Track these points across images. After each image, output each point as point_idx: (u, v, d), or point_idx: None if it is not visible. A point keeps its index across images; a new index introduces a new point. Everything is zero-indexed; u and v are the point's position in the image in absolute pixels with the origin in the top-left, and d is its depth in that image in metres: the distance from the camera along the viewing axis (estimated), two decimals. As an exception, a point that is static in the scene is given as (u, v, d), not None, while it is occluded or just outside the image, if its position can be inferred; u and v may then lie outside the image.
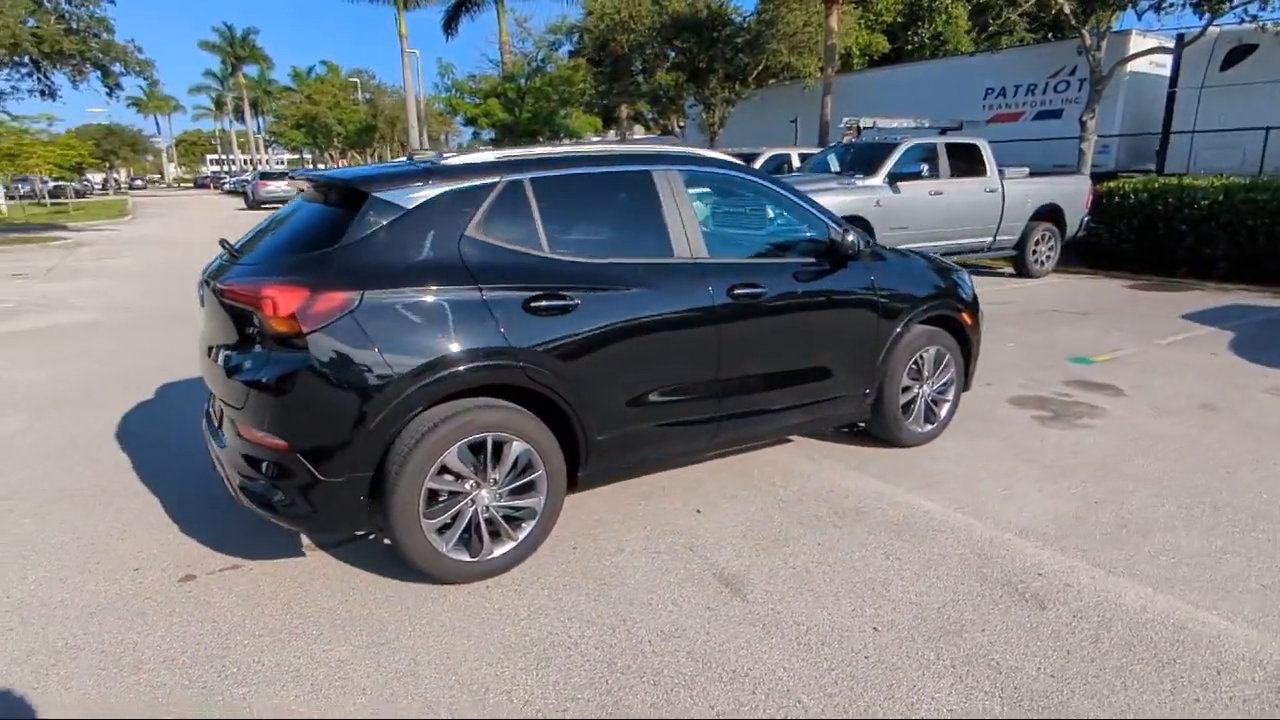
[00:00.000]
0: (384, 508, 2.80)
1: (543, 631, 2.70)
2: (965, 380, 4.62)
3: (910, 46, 24.82)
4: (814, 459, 4.29)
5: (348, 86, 57.97)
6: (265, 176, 37.68)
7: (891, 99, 19.81)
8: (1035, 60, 17.06)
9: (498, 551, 3.03)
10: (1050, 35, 21.99)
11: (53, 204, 41.49)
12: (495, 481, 2.99)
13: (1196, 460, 4.17)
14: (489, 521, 3.00)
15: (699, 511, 3.65)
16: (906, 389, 4.29)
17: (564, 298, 3.05)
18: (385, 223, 2.84)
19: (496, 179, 3.07)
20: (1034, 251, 10.94)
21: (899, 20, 22.61)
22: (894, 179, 9.48)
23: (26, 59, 19.29)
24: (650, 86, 23.51)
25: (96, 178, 69.29)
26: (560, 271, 3.09)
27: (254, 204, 36.22)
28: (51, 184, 48.35)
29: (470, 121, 33.14)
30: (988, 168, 10.25)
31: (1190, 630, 2.66)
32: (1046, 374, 5.90)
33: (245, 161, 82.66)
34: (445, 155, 3.17)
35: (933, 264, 4.55)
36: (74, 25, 18.96)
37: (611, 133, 33.83)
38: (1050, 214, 10.93)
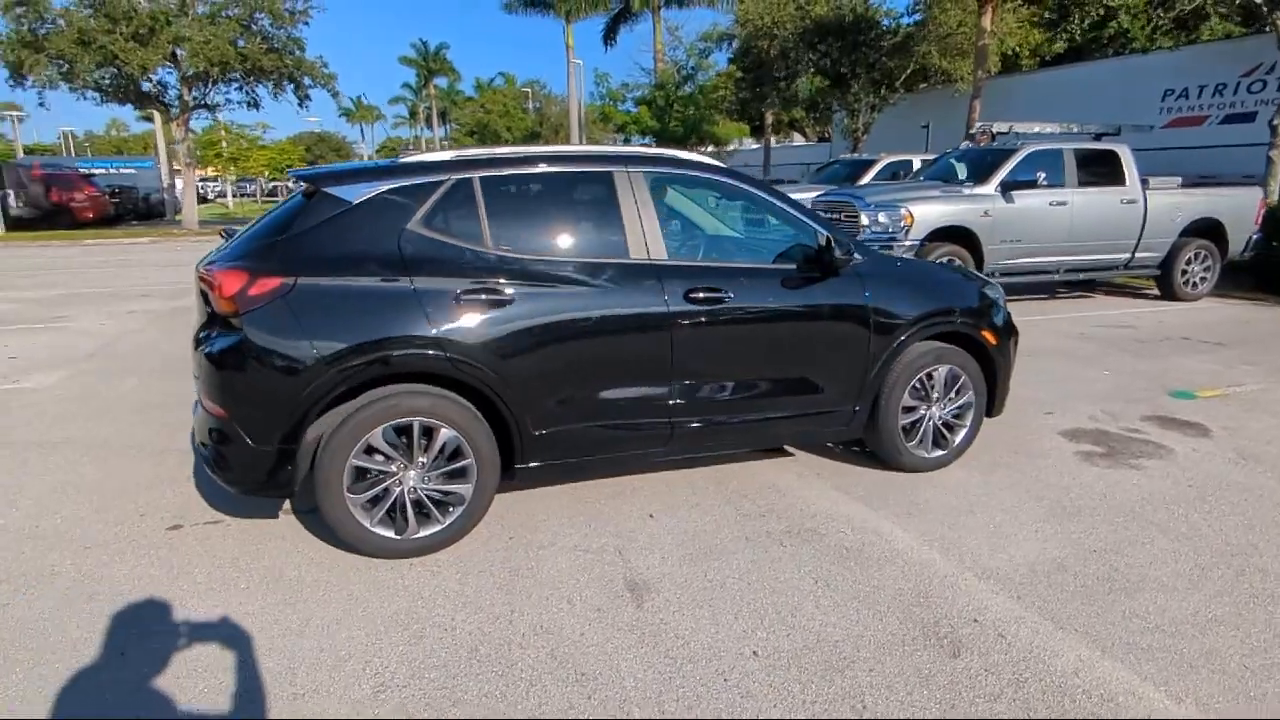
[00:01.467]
0: (313, 479, 3.02)
1: (432, 612, 2.80)
2: (990, 404, 4.21)
3: (1090, 46, 22.62)
4: (803, 476, 4.09)
5: (520, 96, 61.64)
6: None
7: (1054, 103, 18.23)
8: (1226, 57, 15.00)
9: (423, 532, 3.17)
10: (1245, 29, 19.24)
11: (267, 201, 47.19)
12: (423, 465, 3.13)
13: (1253, 516, 3.55)
14: (416, 503, 3.15)
15: (651, 516, 3.60)
16: (910, 409, 3.98)
17: (499, 292, 3.14)
18: (331, 215, 3.07)
19: (445, 177, 3.22)
20: (1183, 272, 9.65)
21: (1050, 17, 20.66)
22: (1008, 187, 8.73)
23: (236, 74, 22.19)
24: (791, 92, 23.07)
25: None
26: (500, 267, 3.18)
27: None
28: (269, 184, 55.34)
29: (620, 129, 34.12)
30: (1126, 176, 9.18)
31: (1118, 704, 2.30)
32: (1129, 407, 5.22)
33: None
34: (405, 153, 3.36)
35: (952, 277, 4.20)
36: (274, 45, 21.55)
37: (747, 140, 33.41)
38: (1208, 230, 9.59)
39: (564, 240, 3.38)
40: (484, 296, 3.11)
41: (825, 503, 3.75)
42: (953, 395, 4.07)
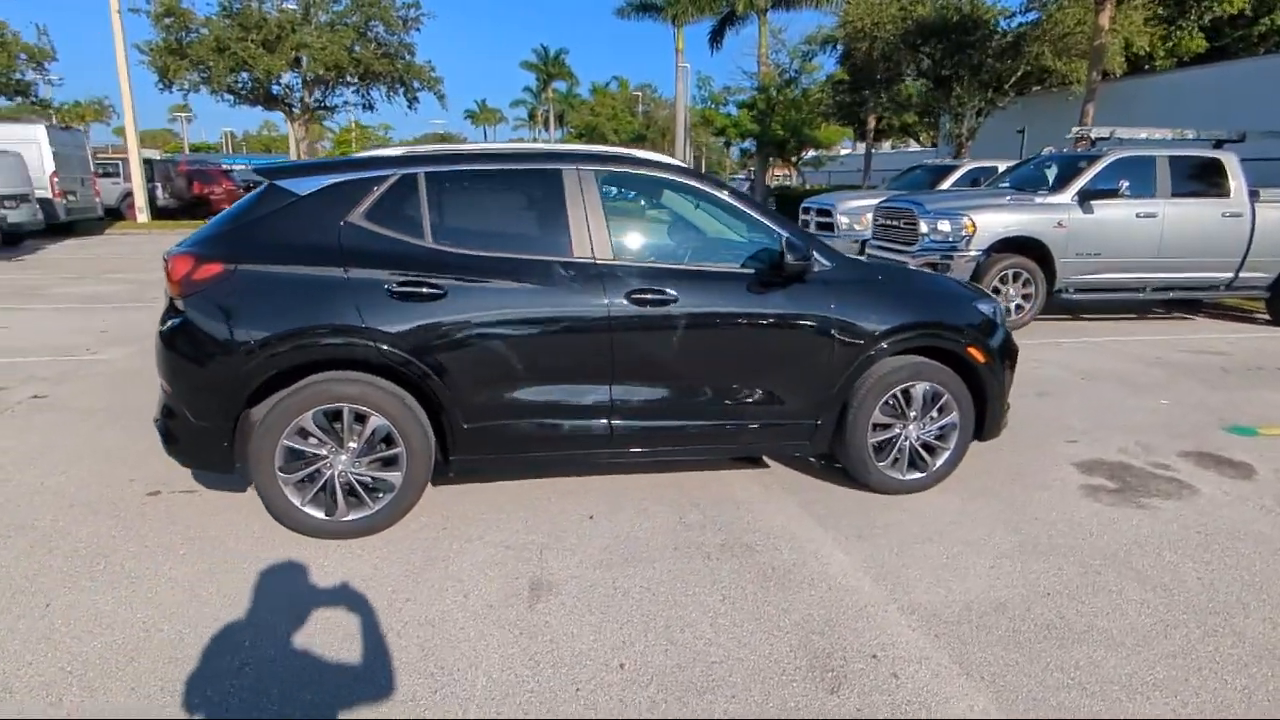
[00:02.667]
0: (248, 457, 3.17)
1: (327, 594, 2.88)
2: (980, 427, 3.90)
3: (1238, 44, 20.49)
4: (769, 489, 3.92)
5: (631, 100, 62.54)
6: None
7: (1184, 107, 16.73)
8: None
9: (352, 516, 3.27)
10: None
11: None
12: (353, 450, 3.23)
13: (1257, 573, 3.11)
14: (346, 486, 3.25)
15: (591, 518, 3.56)
16: (883, 427, 3.75)
17: (432, 286, 3.19)
18: (278, 206, 3.22)
19: (390, 172, 3.30)
20: (1299, 295, 8.58)
21: (1164, 13, 18.82)
22: (1087, 196, 8.04)
23: (353, 78, 23.70)
24: (898, 96, 22.20)
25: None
26: (435, 261, 3.23)
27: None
28: None
29: (720, 132, 33.87)
30: (1231, 188, 8.26)
31: (989, 763, 2.08)
32: (1170, 440, 4.70)
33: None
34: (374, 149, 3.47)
35: (942, 289, 3.91)
36: (387, 50, 22.85)
37: (860, 145, 32.28)
38: (1332, 249, 8.48)
39: (506, 237, 3.40)
40: (415, 289, 3.17)
41: (779, 518, 3.58)
42: (934, 415, 3.80)
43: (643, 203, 4.12)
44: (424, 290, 3.18)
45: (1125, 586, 2.99)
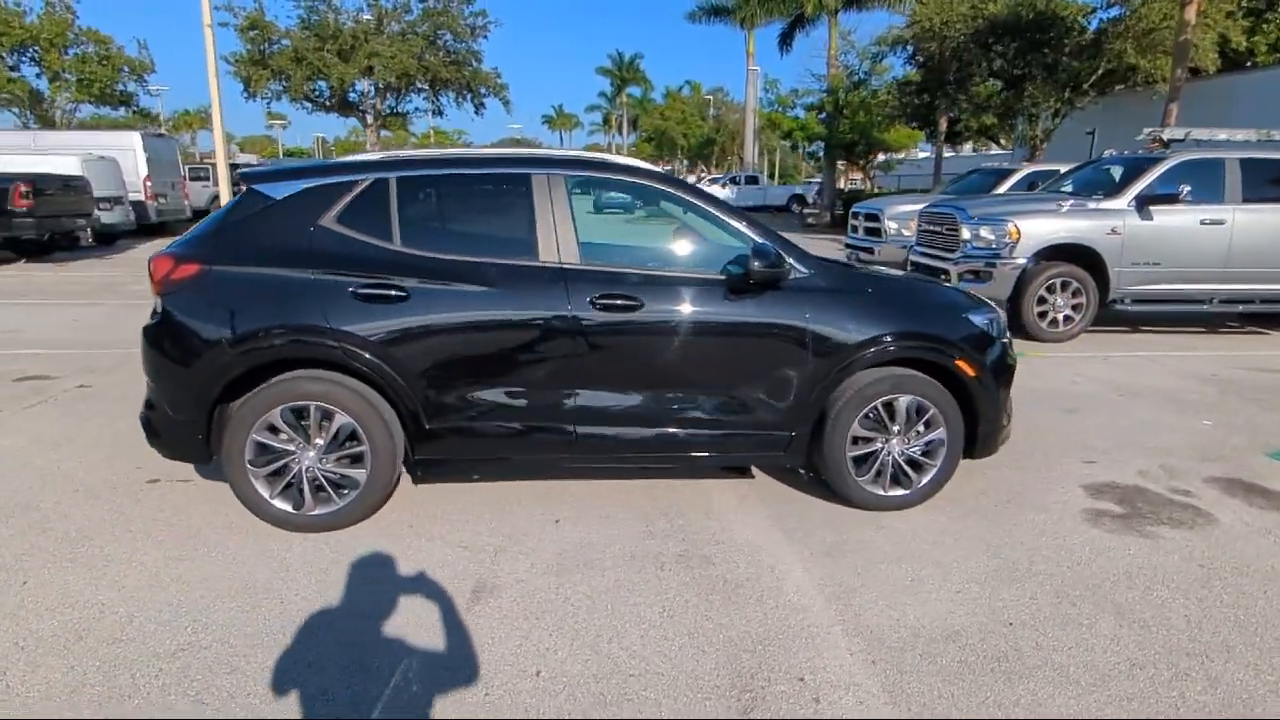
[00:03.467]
0: (222, 450, 3.30)
1: (284, 585, 2.95)
2: (971, 444, 3.71)
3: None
4: (746, 500, 3.83)
5: (703, 104, 62.47)
6: (609, 185, 42.47)
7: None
8: None
9: (319, 510, 3.35)
10: None
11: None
12: (319, 447, 3.31)
13: (1255, 613, 2.83)
14: (313, 482, 3.34)
15: (557, 522, 3.55)
16: (864, 440, 3.60)
17: (395, 288, 3.24)
18: (256, 210, 3.34)
19: (364, 176, 3.38)
20: (1392, 310, 7.83)
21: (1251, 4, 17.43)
22: (1146, 202, 7.55)
23: (423, 85, 24.48)
24: (974, 96, 21.37)
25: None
26: (401, 264, 3.29)
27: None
28: None
29: (786, 135, 33.45)
30: (1312, 192, 7.61)
31: (888, 800, 1.96)
32: (1200, 464, 4.35)
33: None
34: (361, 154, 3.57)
35: (933, 299, 3.74)
36: (455, 58, 23.50)
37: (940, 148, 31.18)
38: None
39: (475, 241, 3.43)
40: (379, 291, 3.23)
41: (747, 531, 3.49)
42: (920, 429, 3.63)
43: (625, 208, 4.09)
44: (387, 293, 3.24)
45: (1099, 620, 2.78)
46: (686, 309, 3.40)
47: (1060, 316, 7.73)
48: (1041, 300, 7.69)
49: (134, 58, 25.02)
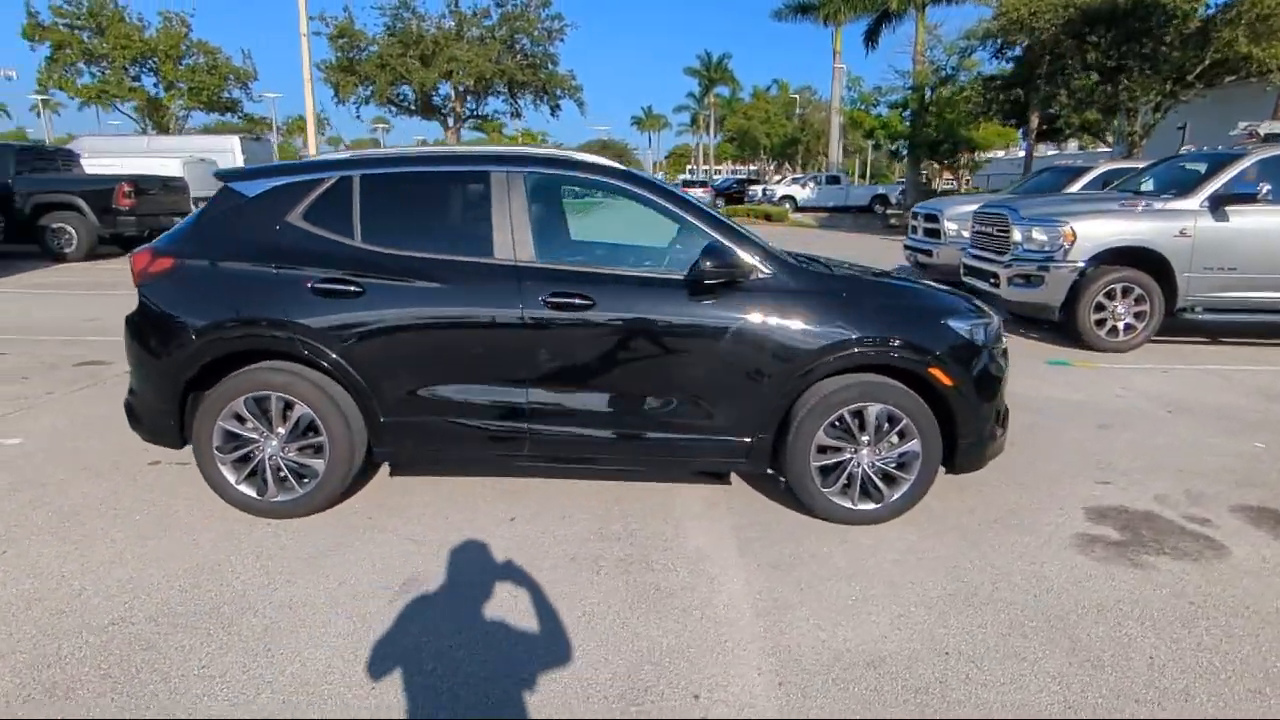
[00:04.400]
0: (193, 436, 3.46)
1: (232, 567, 3.07)
2: (950, 458, 3.48)
3: None
4: (714, 506, 3.72)
5: (789, 103, 61.53)
6: (685, 184, 42.63)
7: None
8: None
9: (280, 497, 3.46)
10: None
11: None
12: (281, 435, 3.42)
13: (1238, 659, 2.52)
14: (275, 469, 3.45)
15: (512, 520, 3.55)
16: (831, 450, 3.43)
17: (351, 284, 3.31)
18: (229, 207, 3.48)
19: (330, 174, 3.47)
20: None
21: None
22: (1220, 202, 6.91)
23: (501, 89, 25.11)
24: (1071, 91, 20.12)
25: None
26: (359, 260, 3.36)
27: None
28: None
29: (869, 134, 32.41)
30: None
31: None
32: (1236, 491, 3.93)
33: (703, 171, 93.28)
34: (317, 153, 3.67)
35: (900, 302, 3.53)
36: (531, 61, 23.99)
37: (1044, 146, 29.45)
38: None
39: (431, 238, 3.45)
40: (336, 287, 3.31)
41: (702, 539, 3.39)
42: (894, 440, 3.43)
43: (588, 204, 4.04)
44: (342, 288, 3.31)
45: (1048, 657, 2.55)
46: (640, 308, 3.33)
47: (1120, 325, 7.16)
48: (1100, 307, 7.15)
49: (239, 67, 26.74)
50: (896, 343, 3.34)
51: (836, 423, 3.40)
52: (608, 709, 2.28)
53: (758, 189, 38.43)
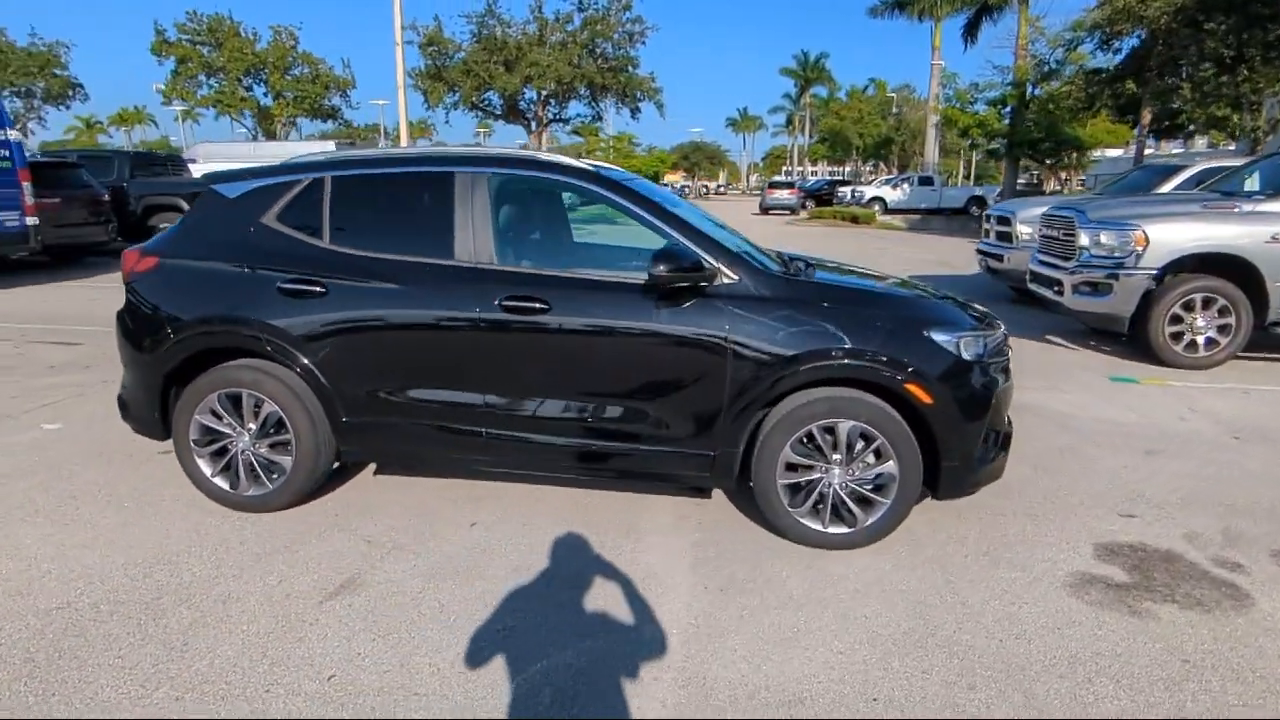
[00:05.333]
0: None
1: (184, 556, 3.15)
2: (935, 481, 3.19)
3: None
4: (684, 519, 3.57)
5: (885, 102, 59.62)
6: (773, 185, 41.84)
7: None
8: None
9: (252, 491, 3.54)
10: None
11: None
12: (252, 431, 3.50)
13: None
14: (247, 464, 3.53)
15: (473, 525, 3.50)
16: (801, 468, 3.22)
17: (315, 284, 3.35)
18: (212, 209, 3.59)
19: (304, 176, 3.53)
20: None
21: None
22: (1325, 203, 6.13)
23: (583, 92, 25.42)
24: (1166, 84, 18.56)
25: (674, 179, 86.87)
26: (326, 261, 3.39)
27: (763, 209, 40.48)
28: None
29: (964, 133, 30.87)
30: None
31: None
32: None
33: (797, 173, 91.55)
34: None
35: (877, 309, 3.26)
36: (612, 65, 24.17)
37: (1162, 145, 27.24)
38: None
39: (396, 240, 3.44)
40: (301, 287, 3.35)
41: (655, 555, 3.24)
42: (869, 460, 3.17)
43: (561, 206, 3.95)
44: (307, 288, 3.35)
45: (989, 712, 2.27)
46: (597, 314, 3.22)
47: (1200, 339, 6.47)
48: (1176, 319, 6.48)
49: (339, 76, 28.22)
50: (870, 355, 3.09)
51: (805, 439, 3.18)
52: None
53: (846, 190, 37.35)
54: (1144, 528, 3.50)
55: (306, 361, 3.36)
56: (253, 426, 3.49)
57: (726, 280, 3.18)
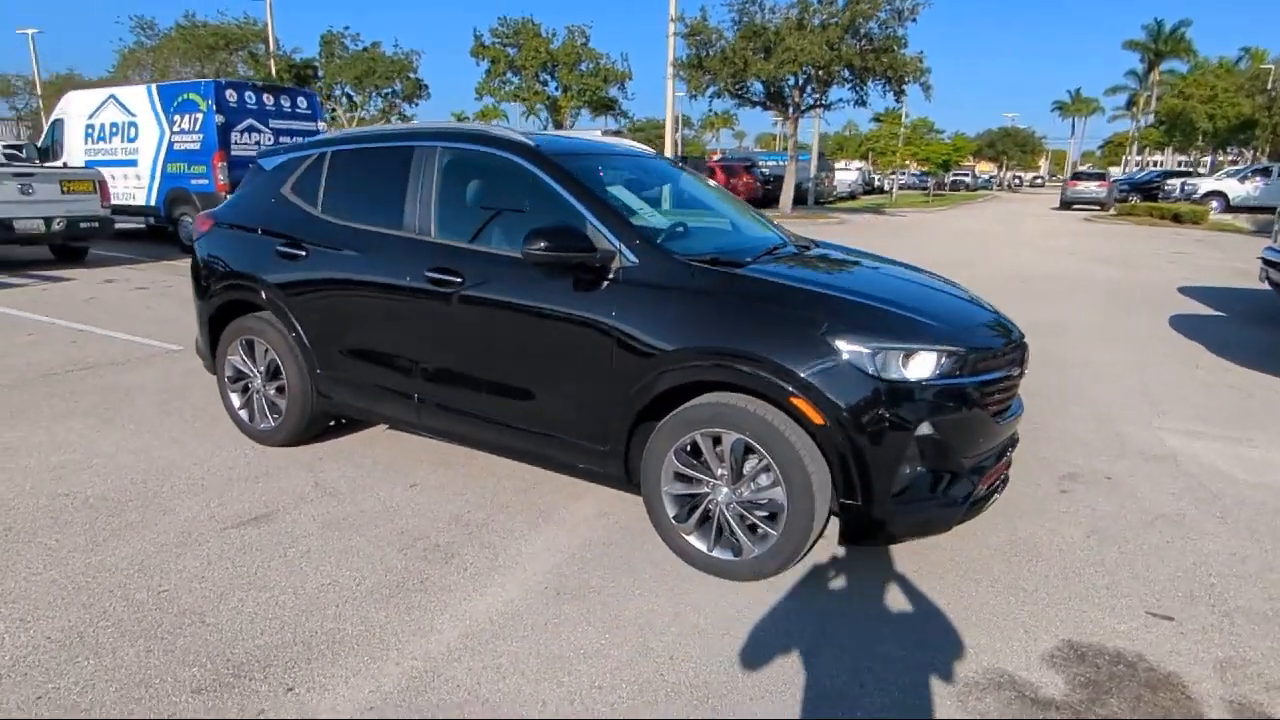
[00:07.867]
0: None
1: (156, 471, 3.72)
2: (848, 519, 2.65)
3: None
4: (606, 515, 3.37)
5: (1259, 75, 48.19)
6: (1076, 177, 36.28)
7: None
8: None
9: (263, 425, 4.06)
10: None
11: (933, 194, 47.43)
12: (261, 374, 4.02)
13: None
14: (259, 402, 4.06)
15: (413, 486, 3.65)
16: (691, 480, 2.87)
17: (299, 247, 3.74)
18: (255, 180, 4.15)
19: (316, 150, 3.92)
20: None
21: None
22: None
23: (849, 75, 24.13)
24: None
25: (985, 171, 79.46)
26: (312, 228, 3.76)
27: (1064, 204, 35.41)
28: (949, 178, 56.33)
29: None
30: None
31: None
32: None
33: (1136, 163, 77.96)
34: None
35: (786, 307, 2.73)
36: (875, 46, 22.61)
37: None
38: None
39: (364, 210, 3.67)
40: (290, 250, 3.76)
41: (535, 545, 3.11)
42: (761, 481, 2.73)
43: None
44: (294, 251, 3.75)
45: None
46: (500, 290, 3.16)
47: None
48: None
49: (618, 69, 30.10)
50: (751, 358, 2.63)
51: (688, 448, 2.82)
52: (198, 671, 2.31)
53: (1175, 184, 30.97)
54: (1165, 634, 2.54)
55: (292, 317, 3.77)
56: (261, 370, 4.00)
57: (626, 263, 2.92)
